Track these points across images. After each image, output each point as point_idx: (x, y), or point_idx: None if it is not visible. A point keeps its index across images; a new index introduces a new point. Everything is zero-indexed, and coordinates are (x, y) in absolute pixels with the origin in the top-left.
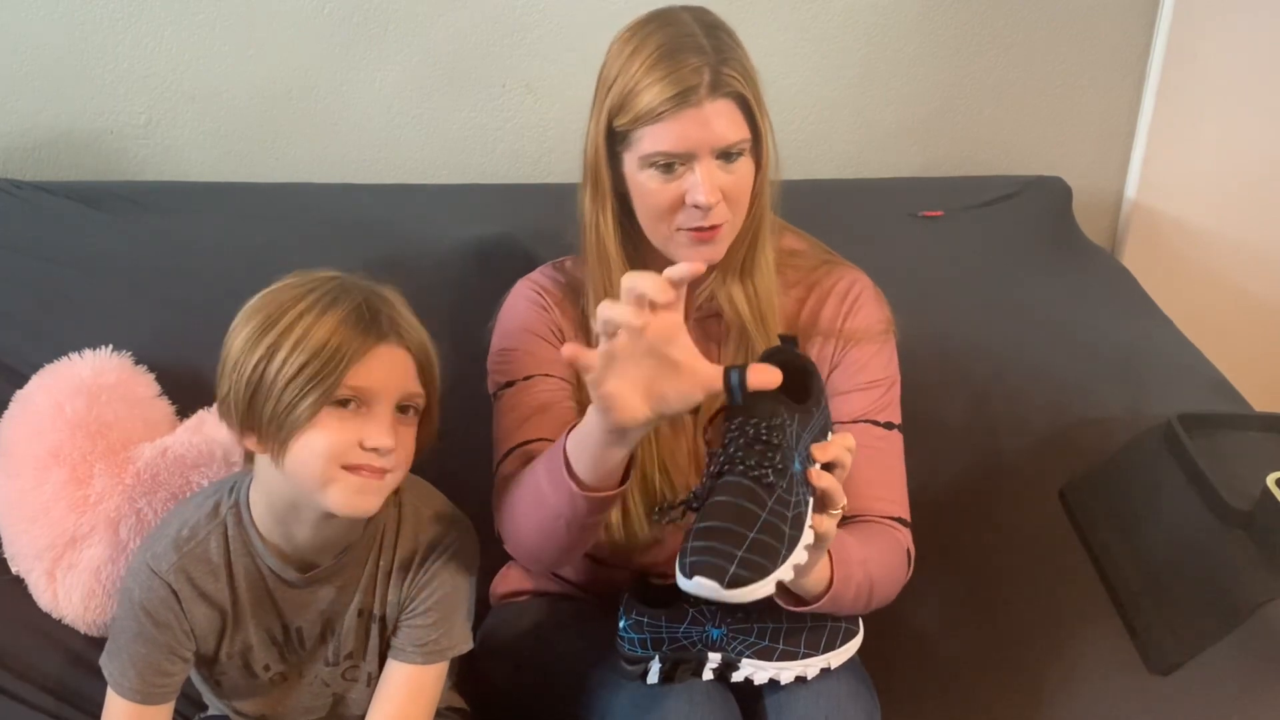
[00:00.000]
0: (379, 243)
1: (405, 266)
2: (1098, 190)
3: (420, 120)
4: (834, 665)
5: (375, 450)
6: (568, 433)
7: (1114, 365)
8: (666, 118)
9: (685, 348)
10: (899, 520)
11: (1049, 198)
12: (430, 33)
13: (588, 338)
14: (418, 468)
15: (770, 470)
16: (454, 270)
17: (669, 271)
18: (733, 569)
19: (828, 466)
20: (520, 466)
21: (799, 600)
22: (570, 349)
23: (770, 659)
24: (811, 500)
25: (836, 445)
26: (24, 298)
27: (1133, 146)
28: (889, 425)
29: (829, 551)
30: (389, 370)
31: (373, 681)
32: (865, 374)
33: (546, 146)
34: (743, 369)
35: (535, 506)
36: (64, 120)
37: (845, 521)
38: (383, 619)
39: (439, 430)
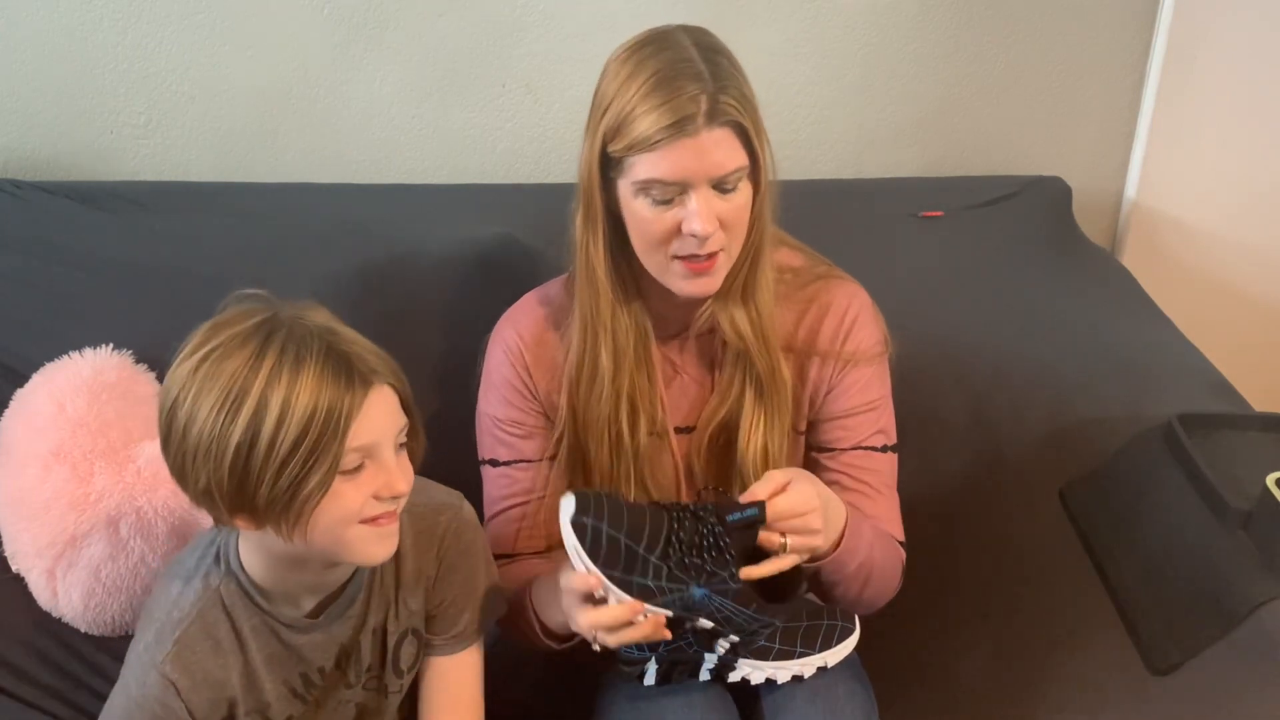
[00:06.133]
0: (379, 243)
1: (405, 266)
2: (1098, 190)
3: (420, 120)
4: (830, 664)
5: (394, 499)
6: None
7: (1114, 365)
8: (661, 147)
9: None
10: (896, 541)
11: (1049, 198)
12: (430, 33)
13: (562, 379)
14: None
15: (684, 554)
16: (453, 270)
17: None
18: (590, 516)
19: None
20: (512, 584)
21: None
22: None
23: (767, 658)
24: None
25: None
26: (24, 298)
27: (1133, 146)
28: (885, 448)
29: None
30: (382, 416)
31: (391, 694)
32: (863, 397)
33: (546, 146)
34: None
35: (528, 636)
36: (64, 120)
37: None
38: (408, 631)
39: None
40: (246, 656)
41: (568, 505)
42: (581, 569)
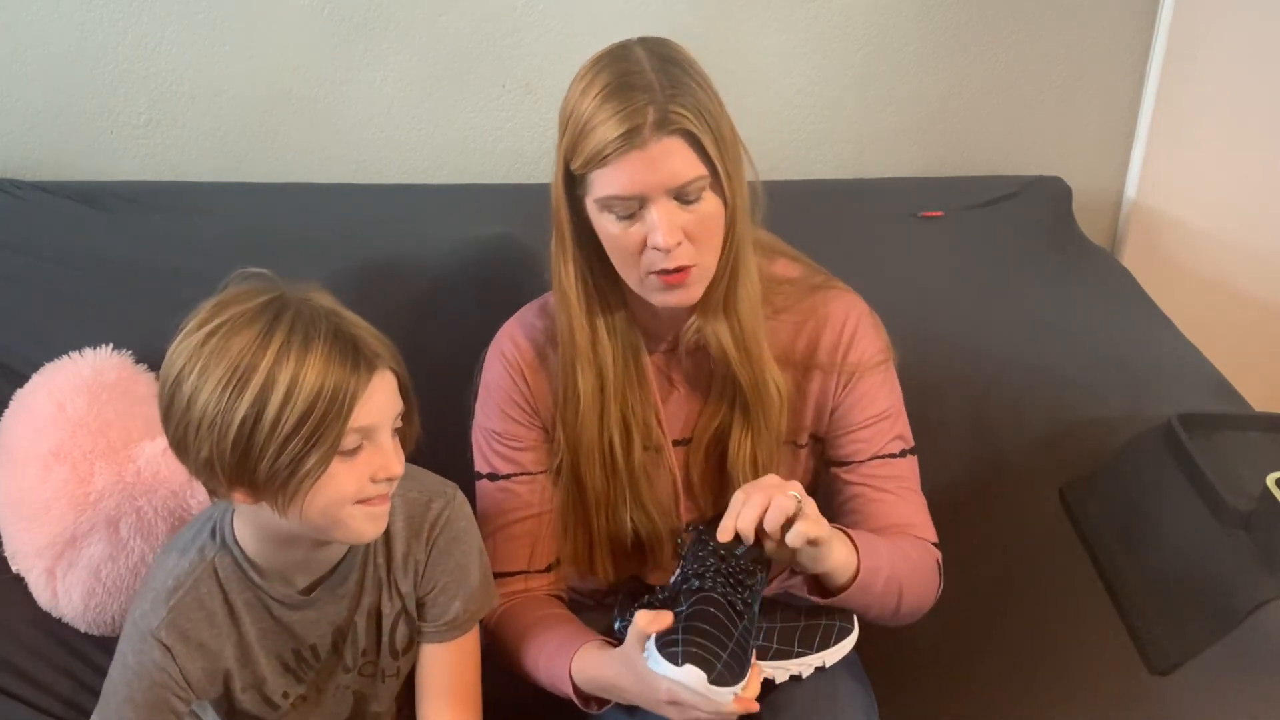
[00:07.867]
0: (379, 243)
1: (405, 266)
2: (1098, 190)
3: (420, 120)
4: (829, 664)
5: (388, 481)
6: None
7: (1114, 365)
8: (613, 160)
9: None
10: (928, 542)
11: (1049, 198)
12: (430, 33)
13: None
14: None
15: (740, 601)
16: (453, 270)
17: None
18: (719, 667)
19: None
20: (512, 625)
21: (827, 592)
22: None
23: (765, 658)
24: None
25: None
26: (24, 298)
27: (1133, 146)
28: (903, 453)
29: (854, 542)
30: (383, 399)
31: (387, 678)
32: (873, 408)
33: (546, 146)
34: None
35: (533, 678)
36: (64, 120)
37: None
38: (401, 612)
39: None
40: (240, 630)
41: (693, 675)
42: (729, 697)
